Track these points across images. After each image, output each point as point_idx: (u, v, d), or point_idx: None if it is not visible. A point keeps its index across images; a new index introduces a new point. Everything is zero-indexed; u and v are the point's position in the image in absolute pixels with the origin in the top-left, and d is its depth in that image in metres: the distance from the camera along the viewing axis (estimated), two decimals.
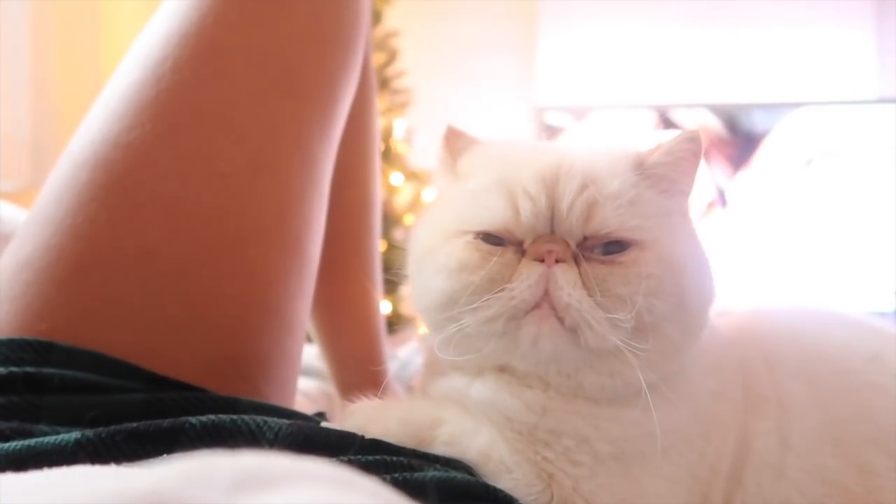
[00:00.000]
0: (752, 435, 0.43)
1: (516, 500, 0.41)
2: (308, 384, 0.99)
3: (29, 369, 0.43)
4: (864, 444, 0.42)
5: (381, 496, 0.23)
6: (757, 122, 2.60)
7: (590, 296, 0.40)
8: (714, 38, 2.77)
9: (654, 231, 0.42)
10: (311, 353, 0.98)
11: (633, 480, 0.41)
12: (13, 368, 0.43)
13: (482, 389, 0.44)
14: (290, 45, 0.57)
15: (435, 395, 0.47)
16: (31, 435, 0.39)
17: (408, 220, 2.28)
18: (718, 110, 2.65)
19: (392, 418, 0.45)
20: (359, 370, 0.78)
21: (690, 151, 0.44)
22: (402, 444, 0.43)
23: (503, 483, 0.42)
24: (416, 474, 0.39)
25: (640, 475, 0.41)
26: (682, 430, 0.42)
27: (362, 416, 0.47)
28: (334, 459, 0.39)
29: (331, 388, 0.87)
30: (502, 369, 0.44)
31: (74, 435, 0.38)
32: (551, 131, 2.70)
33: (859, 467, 0.41)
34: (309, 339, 0.75)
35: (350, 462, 0.39)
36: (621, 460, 0.41)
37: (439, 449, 0.44)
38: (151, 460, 0.37)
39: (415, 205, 2.30)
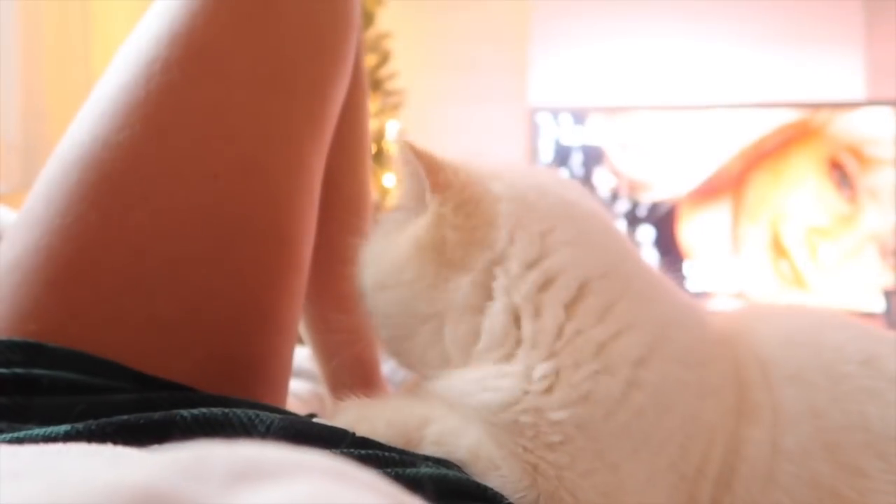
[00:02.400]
0: (745, 442, 0.43)
1: (506, 499, 0.41)
2: (300, 386, 0.99)
3: (18, 370, 0.43)
4: (856, 449, 0.42)
5: (379, 489, 0.23)
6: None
7: None
8: (707, 39, 2.78)
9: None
10: (303, 355, 0.98)
11: (612, 468, 0.41)
12: (2, 370, 0.43)
13: (441, 381, 0.46)
14: (281, 46, 0.57)
15: (422, 394, 0.48)
16: None
17: None
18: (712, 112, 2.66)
19: (379, 419, 0.45)
20: (351, 372, 0.78)
21: (400, 160, 0.48)
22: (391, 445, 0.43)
23: (492, 481, 0.42)
24: (409, 470, 0.39)
25: (616, 462, 0.41)
26: (640, 410, 0.41)
27: (350, 416, 0.47)
28: (329, 452, 0.39)
29: (322, 389, 0.87)
30: None
31: (64, 427, 0.38)
32: (544, 133, 2.71)
33: (851, 471, 0.41)
34: (300, 341, 0.75)
35: (342, 455, 0.39)
36: (589, 434, 0.41)
37: (428, 449, 0.44)
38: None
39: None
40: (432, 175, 0.46)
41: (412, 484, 0.37)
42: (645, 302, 0.45)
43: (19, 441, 0.37)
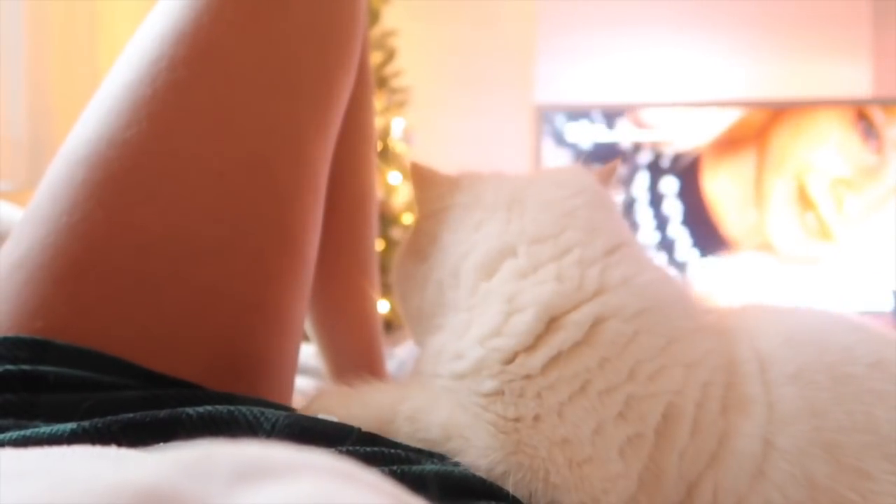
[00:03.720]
0: (733, 435, 0.42)
1: (509, 492, 0.41)
2: (305, 383, 0.99)
3: (25, 367, 0.43)
4: (861, 450, 0.41)
5: (382, 489, 0.23)
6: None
7: None
8: (713, 36, 2.77)
9: None
10: (309, 352, 0.98)
11: (556, 413, 0.41)
12: (9, 366, 0.43)
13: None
14: (287, 44, 0.57)
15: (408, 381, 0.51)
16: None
17: (406, 218, 2.27)
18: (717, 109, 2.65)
19: (355, 402, 0.47)
20: (356, 369, 0.78)
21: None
22: (367, 427, 0.44)
23: (468, 456, 0.42)
24: (415, 467, 0.39)
25: (557, 406, 0.41)
26: (564, 351, 0.42)
27: (327, 401, 0.48)
28: (333, 450, 0.39)
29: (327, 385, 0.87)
30: None
31: (70, 426, 0.38)
32: (551, 130, 2.70)
33: (854, 473, 0.40)
34: (306, 338, 0.75)
35: (348, 453, 0.39)
36: (518, 371, 0.42)
37: (402, 426, 0.45)
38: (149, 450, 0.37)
39: (413, 204, 2.30)
40: (417, 191, 0.55)
41: (417, 481, 0.38)
42: (587, 265, 0.45)
43: (25, 439, 0.37)
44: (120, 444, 0.38)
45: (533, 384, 0.42)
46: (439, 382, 0.45)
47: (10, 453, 0.26)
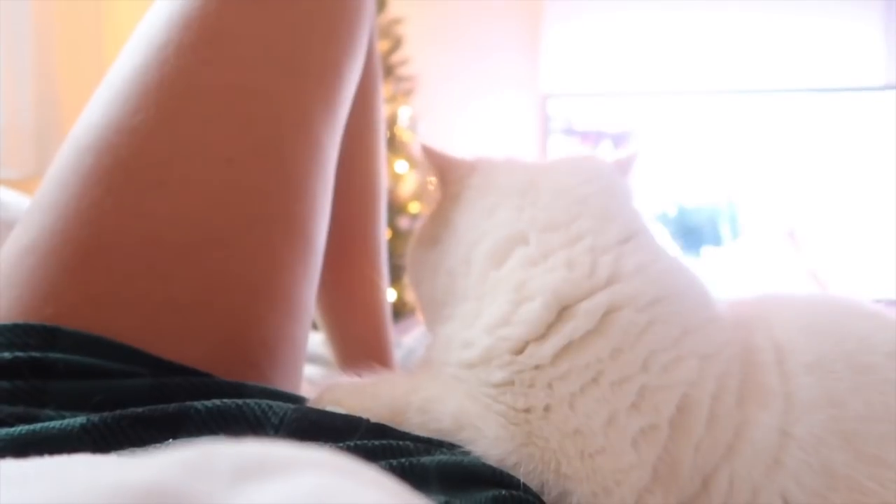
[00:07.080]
0: (749, 424, 0.41)
1: (520, 480, 0.40)
2: (314, 371, 0.99)
3: (34, 354, 0.43)
4: (880, 440, 0.40)
5: (384, 485, 0.23)
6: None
7: None
8: (721, 24, 2.75)
9: None
10: (317, 340, 0.98)
11: (567, 404, 0.41)
12: (19, 353, 0.43)
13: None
14: (294, 30, 0.57)
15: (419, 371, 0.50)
16: (36, 420, 0.39)
17: (413, 207, 2.27)
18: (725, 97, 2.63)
19: (366, 393, 0.47)
20: (364, 357, 0.78)
21: (421, 160, 0.57)
22: (379, 418, 0.44)
23: (480, 446, 0.42)
24: (423, 458, 0.39)
25: (567, 397, 0.41)
26: (574, 341, 0.42)
27: (338, 393, 0.48)
28: (340, 444, 0.39)
29: (336, 375, 0.87)
30: None
31: (80, 420, 0.38)
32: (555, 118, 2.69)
33: (872, 461, 0.40)
34: (314, 327, 0.75)
35: (356, 447, 0.39)
36: (527, 361, 0.42)
37: (414, 417, 0.44)
38: (157, 445, 0.37)
39: (420, 193, 2.30)
40: (438, 173, 0.54)
41: (426, 473, 0.37)
42: (599, 253, 0.45)
43: (34, 435, 0.37)
44: (129, 438, 0.38)
45: (543, 374, 0.41)
46: (449, 371, 0.45)
47: (11, 461, 0.26)
